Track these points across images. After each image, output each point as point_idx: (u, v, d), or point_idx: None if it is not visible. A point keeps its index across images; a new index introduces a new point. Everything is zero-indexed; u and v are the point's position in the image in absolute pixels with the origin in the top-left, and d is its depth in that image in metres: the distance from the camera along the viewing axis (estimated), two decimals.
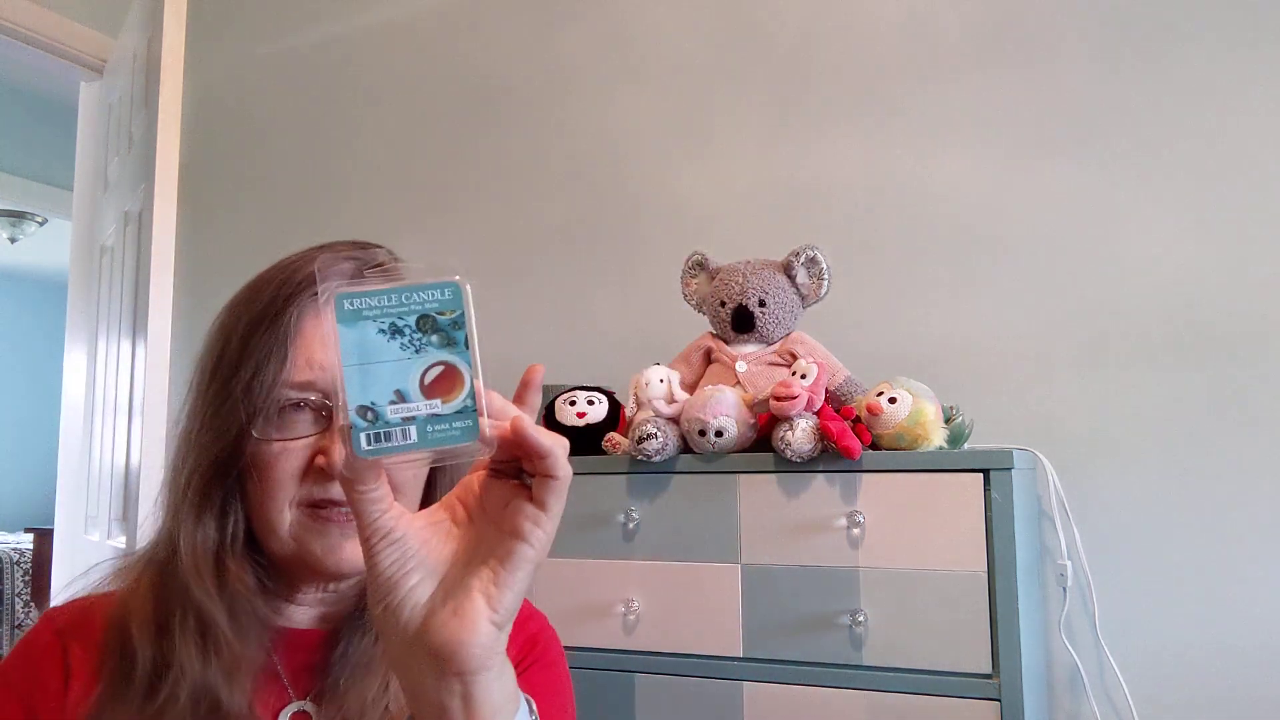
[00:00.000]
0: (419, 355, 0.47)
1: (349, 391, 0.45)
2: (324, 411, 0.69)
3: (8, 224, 4.98)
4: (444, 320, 0.47)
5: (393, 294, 0.47)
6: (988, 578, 1.20)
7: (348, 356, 0.46)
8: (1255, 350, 1.51)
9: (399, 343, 0.47)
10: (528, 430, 0.47)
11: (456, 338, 0.47)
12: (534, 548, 0.48)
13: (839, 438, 1.24)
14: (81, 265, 2.91)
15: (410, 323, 0.47)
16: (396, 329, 0.47)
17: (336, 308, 0.46)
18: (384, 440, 0.46)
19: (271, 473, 0.68)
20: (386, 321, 0.47)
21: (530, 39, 2.15)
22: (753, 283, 1.46)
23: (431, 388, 0.46)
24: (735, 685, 1.31)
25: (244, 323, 0.70)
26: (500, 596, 0.48)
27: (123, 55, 2.74)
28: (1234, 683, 1.46)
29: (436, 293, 0.47)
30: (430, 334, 0.47)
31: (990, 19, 1.73)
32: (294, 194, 2.43)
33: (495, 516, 0.50)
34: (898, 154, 1.77)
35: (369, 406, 0.46)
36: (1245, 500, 1.49)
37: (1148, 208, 1.59)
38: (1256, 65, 1.55)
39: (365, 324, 0.46)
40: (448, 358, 0.47)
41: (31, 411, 6.38)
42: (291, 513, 0.68)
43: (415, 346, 0.47)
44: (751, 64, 1.92)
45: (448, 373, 0.47)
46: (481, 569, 0.48)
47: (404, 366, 0.46)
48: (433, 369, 0.47)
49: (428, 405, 0.46)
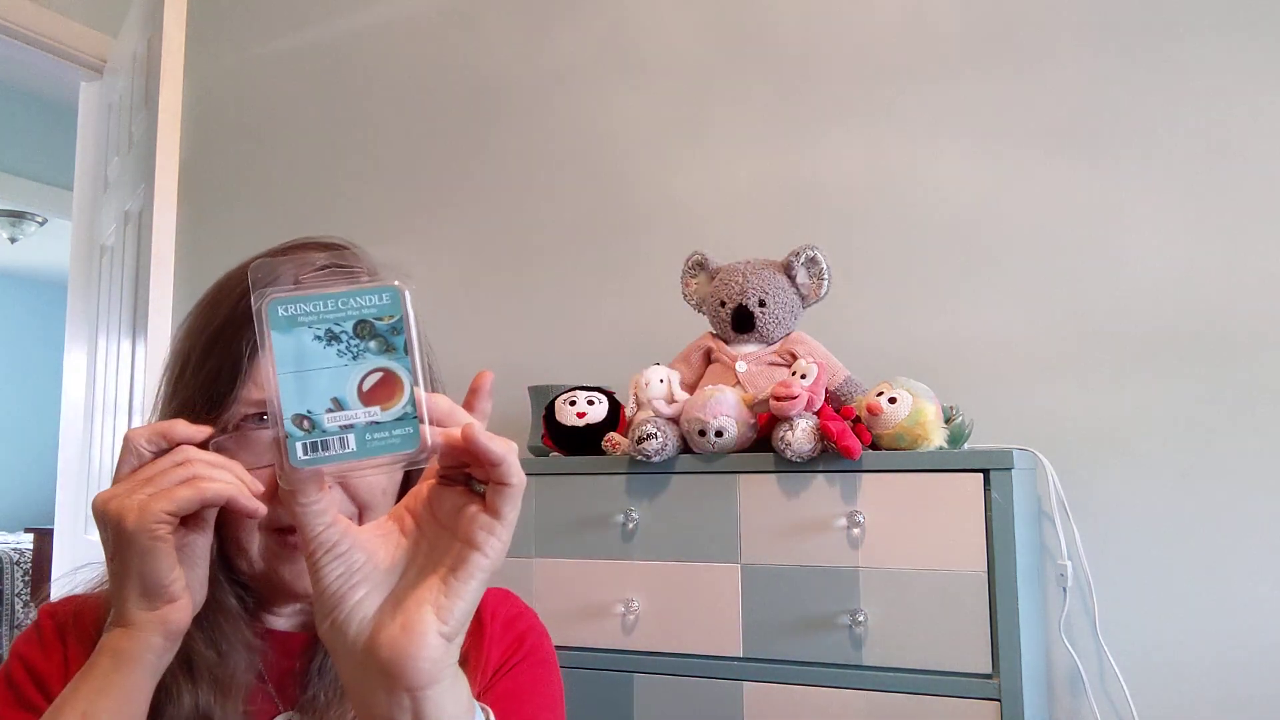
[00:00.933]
0: (356, 362, 0.45)
1: (284, 400, 0.44)
2: None
3: (8, 224, 4.97)
4: (382, 326, 0.46)
5: (329, 299, 0.46)
6: (988, 578, 1.20)
7: (283, 364, 0.45)
8: (1255, 350, 1.50)
9: (335, 349, 0.45)
10: (478, 437, 0.45)
11: (395, 343, 0.46)
12: (488, 557, 0.47)
13: (839, 438, 1.24)
14: (81, 265, 2.91)
15: (347, 329, 0.46)
16: (333, 335, 0.45)
17: (270, 314, 0.45)
18: (321, 450, 0.44)
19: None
20: (323, 328, 0.45)
21: (530, 38, 2.15)
22: (753, 283, 1.45)
23: (370, 394, 0.45)
24: (735, 685, 1.31)
25: (204, 337, 0.69)
26: (450, 606, 0.46)
27: (123, 55, 2.74)
28: (1234, 683, 1.46)
29: (374, 298, 0.46)
30: (368, 340, 0.46)
31: (990, 19, 1.73)
32: (294, 194, 2.43)
33: (447, 524, 0.48)
34: (898, 154, 1.77)
35: (305, 415, 0.44)
36: (1245, 500, 1.49)
37: (1147, 208, 1.59)
38: (1256, 65, 1.55)
39: (300, 330, 0.45)
40: (386, 364, 0.46)
41: (31, 411, 6.37)
42: (260, 536, 0.67)
43: (353, 353, 0.45)
44: (751, 64, 1.92)
45: (386, 379, 0.46)
46: (431, 578, 0.47)
47: (341, 373, 0.45)
48: (371, 375, 0.45)
49: (366, 413, 0.45)
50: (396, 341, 0.46)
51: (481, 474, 0.48)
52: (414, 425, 0.45)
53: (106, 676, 0.58)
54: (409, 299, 0.46)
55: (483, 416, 0.49)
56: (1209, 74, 1.57)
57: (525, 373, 1.92)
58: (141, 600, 0.59)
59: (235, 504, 0.60)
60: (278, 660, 0.71)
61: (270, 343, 0.45)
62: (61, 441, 2.85)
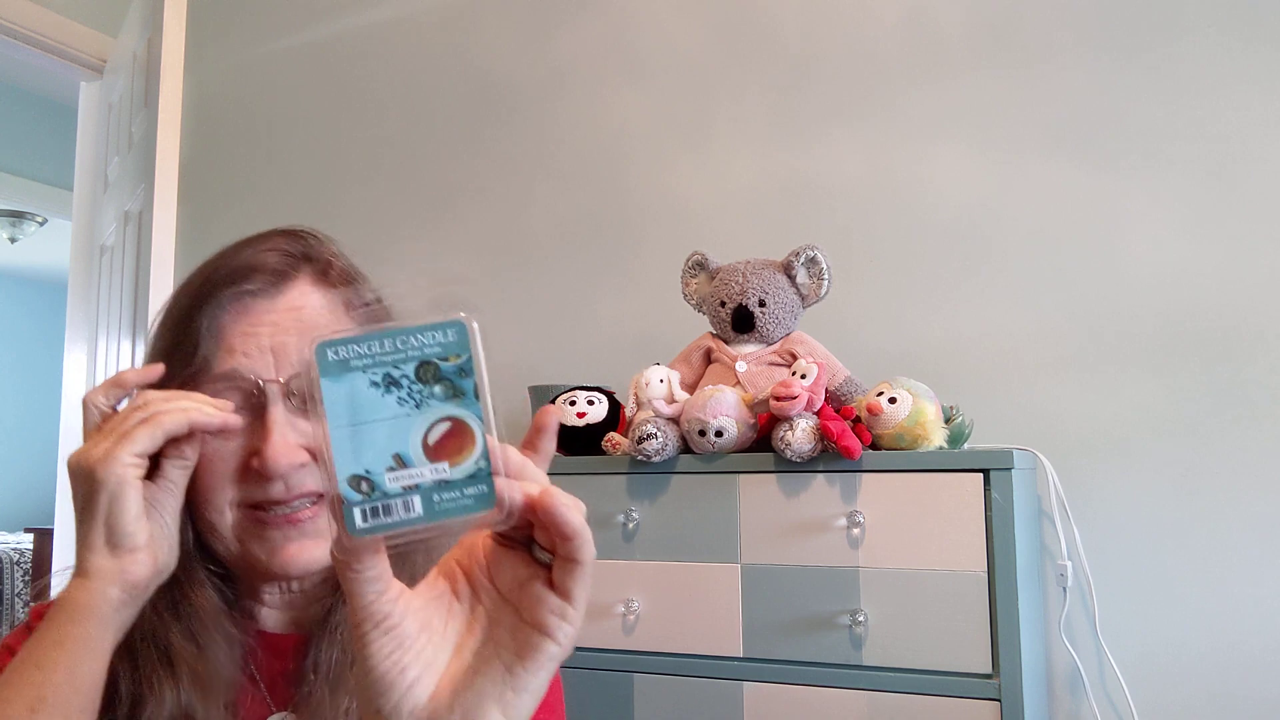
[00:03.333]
0: (420, 411, 0.40)
1: (338, 459, 0.39)
2: (255, 391, 0.65)
3: (8, 224, 4.98)
4: (448, 367, 0.40)
5: (385, 338, 0.40)
6: (988, 578, 1.20)
7: (335, 417, 0.39)
8: (1254, 350, 1.51)
9: (395, 397, 0.40)
10: (558, 506, 0.40)
11: (464, 387, 0.40)
12: (560, 645, 0.41)
13: (839, 438, 1.24)
14: (81, 265, 2.91)
15: (408, 372, 0.40)
16: (392, 380, 0.40)
17: (319, 359, 0.39)
18: (383, 515, 0.39)
19: (206, 476, 0.65)
20: (380, 372, 0.40)
21: (530, 39, 2.15)
22: (753, 283, 1.45)
23: (437, 448, 0.39)
24: (735, 685, 1.31)
25: (168, 325, 0.70)
26: (518, 704, 0.41)
27: (123, 55, 2.74)
28: (1234, 683, 1.46)
29: (438, 334, 0.40)
30: (432, 384, 0.40)
31: (990, 19, 1.73)
32: (294, 194, 2.43)
33: (509, 595, 0.43)
34: (898, 154, 1.77)
35: (363, 476, 0.39)
36: (1245, 500, 1.49)
37: (1147, 208, 1.59)
38: (1256, 65, 1.55)
39: (354, 376, 0.39)
40: (454, 412, 0.40)
41: (31, 411, 6.37)
42: (232, 513, 0.66)
43: (415, 400, 0.40)
44: (751, 64, 1.92)
45: (455, 430, 0.40)
46: (493, 665, 0.41)
47: (403, 425, 0.39)
48: (437, 426, 0.40)
49: (434, 470, 0.39)
50: (465, 385, 0.40)
51: (546, 540, 0.42)
52: (488, 483, 0.39)
53: (61, 629, 0.58)
54: (478, 334, 0.40)
55: (545, 460, 0.44)
56: (1209, 74, 1.57)
57: (525, 373, 1.92)
58: (104, 549, 0.59)
59: (198, 425, 0.61)
60: (269, 661, 0.70)
61: (320, 393, 0.39)
62: (61, 441, 2.85)
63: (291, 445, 0.65)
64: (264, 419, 0.65)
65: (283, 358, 0.66)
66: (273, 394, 0.65)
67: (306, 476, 0.66)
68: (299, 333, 0.68)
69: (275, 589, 0.71)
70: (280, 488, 0.65)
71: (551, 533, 0.41)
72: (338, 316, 0.71)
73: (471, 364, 0.40)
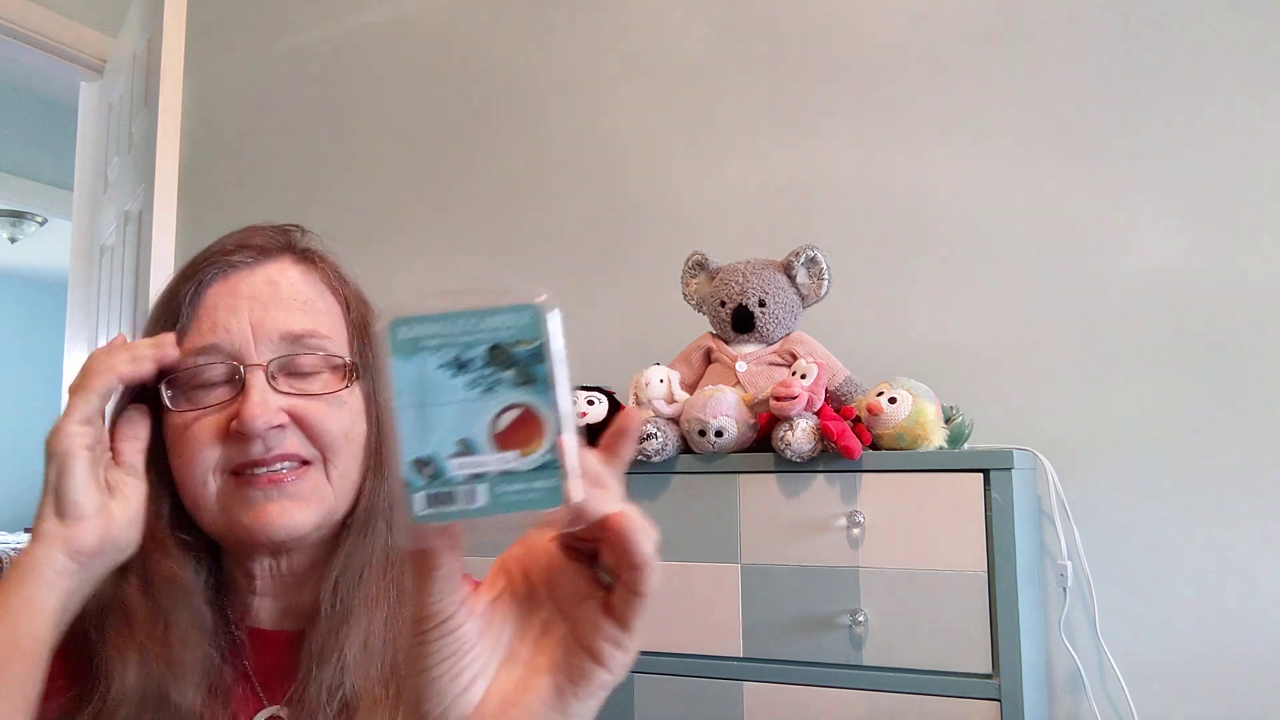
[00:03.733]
0: (489, 395, 0.38)
1: (404, 440, 0.37)
2: (236, 376, 0.66)
3: (8, 224, 4.97)
4: (521, 352, 0.38)
5: (458, 319, 0.38)
6: (988, 578, 1.20)
7: (402, 395, 0.38)
8: (1254, 350, 1.50)
9: (464, 379, 0.38)
10: (633, 531, 0.38)
11: (536, 374, 0.38)
12: (613, 674, 0.40)
13: (839, 438, 1.24)
14: (81, 265, 2.91)
15: (479, 355, 0.38)
16: (462, 362, 0.38)
17: (390, 336, 0.38)
18: (445, 503, 0.37)
19: (189, 446, 0.66)
20: (450, 353, 0.38)
21: (531, 40, 2.15)
22: (753, 283, 1.45)
23: (505, 436, 0.38)
24: (735, 685, 1.31)
25: (157, 304, 0.71)
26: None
27: (123, 55, 2.74)
28: (1234, 682, 1.46)
29: (512, 317, 0.38)
30: (504, 369, 0.38)
31: (990, 19, 1.73)
32: (293, 194, 2.43)
33: (565, 609, 0.42)
34: (897, 154, 1.77)
35: (427, 460, 0.37)
36: (1245, 500, 1.49)
37: (1147, 208, 1.59)
38: (1256, 65, 1.54)
39: (424, 356, 0.38)
40: (525, 399, 0.38)
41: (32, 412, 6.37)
42: (215, 481, 0.66)
43: (485, 384, 0.38)
44: (751, 64, 1.92)
45: (525, 418, 0.38)
46: (544, 683, 0.40)
47: (471, 409, 0.38)
48: (507, 413, 0.38)
49: (500, 459, 0.37)
50: (537, 371, 0.38)
51: (611, 560, 0.40)
52: (557, 477, 0.38)
53: (6, 587, 0.59)
54: (555, 321, 0.39)
55: (622, 466, 0.42)
56: (1209, 74, 1.57)
57: None
58: (53, 516, 0.61)
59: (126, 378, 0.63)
60: (261, 656, 0.69)
61: (389, 370, 0.38)
62: None
63: (270, 406, 0.65)
64: (244, 388, 0.66)
65: (263, 335, 0.67)
66: (254, 374, 0.66)
67: (286, 438, 0.66)
68: (276, 306, 0.69)
69: (265, 570, 0.70)
70: (259, 447, 0.65)
71: (619, 557, 0.39)
72: (318, 292, 0.72)
73: (545, 350, 0.39)
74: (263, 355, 0.67)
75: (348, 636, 0.66)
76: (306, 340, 0.69)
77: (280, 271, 0.71)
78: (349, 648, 0.65)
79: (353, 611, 0.67)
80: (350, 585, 0.68)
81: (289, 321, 0.68)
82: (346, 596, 0.67)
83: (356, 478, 0.70)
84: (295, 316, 0.69)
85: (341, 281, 0.75)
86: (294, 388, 0.68)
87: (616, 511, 0.38)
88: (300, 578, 0.71)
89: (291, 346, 0.68)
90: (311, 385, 0.68)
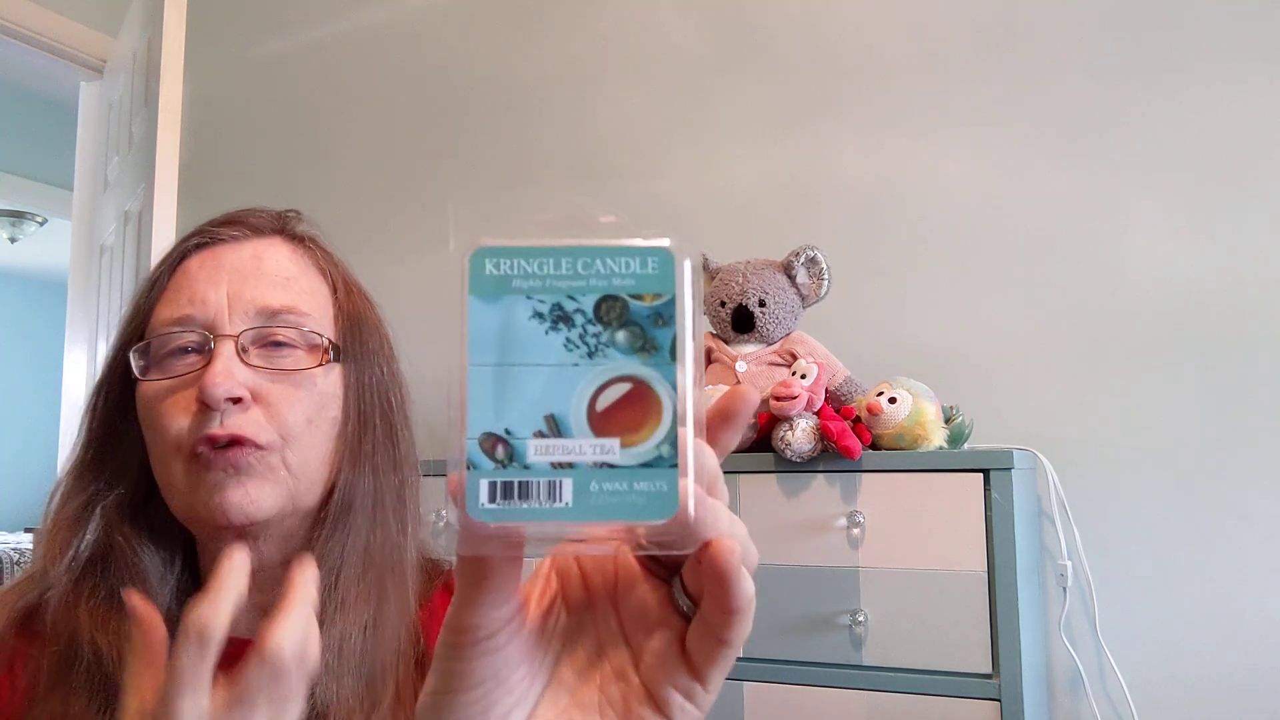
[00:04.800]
0: (593, 362, 0.29)
1: (473, 407, 0.29)
2: (207, 347, 0.64)
3: (8, 224, 4.98)
4: (640, 309, 0.30)
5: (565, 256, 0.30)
6: (988, 578, 1.20)
7: (479, 349, 0.29)
8: (1254, 350, 1.50)
9: (563, 337, 0.29)
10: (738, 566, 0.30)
11: (658, 339, 0.29)
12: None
13: (839, 438, 1.24)
14: (81, 265, 2.91)
15: (586, 307, 0.30)
16: (563, 315, 0.30)
17: (473, 269, 0.30)
18: (518, 498, 0.28)
19: (156, 417, 0.63)
20: (549, 300, 0.30)
21: (530, 39, 2.15)
22: (753, 283, 1.46)
23: (607, 418, 0.29)
24: (735, 685, 1.31)
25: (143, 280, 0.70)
26: None
27: (123, 55, 2.74)
28: (1233, 683, 1.46)
29: (633, 261, 0.30)
30: (616, 328, 0.29)
31: (991, 19, 1.73)
32: (293, 194, 2.43)
33: (630, 632, 0.34)
34: (898, 154, 1.77)
35: (501, 436, 0.29)
36: (1245, 500, 1.49)
37: (1148, 208, 1.59)
38: (1256, 65, 1.54)
39: (514, 301, 0.30)
40: (639, 371, 0.29)
41: (32, 412, 6.37)
42: (180, 463, 0.63)
43: (589, 346, 0.29)
44: (751, 63, 1.92)
45: (636, 395, 0.29)
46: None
47: (567, 377, 0.29)
48: (613, 387, 0.29)
49: (597, 446, 0.29)
50: (660, 336, 0.29)
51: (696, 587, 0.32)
52: (669, 480, 0.28)
53: None
54: (688, 272, 0.30)
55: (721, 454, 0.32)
56: (1210, 74, 1.57)
57: None
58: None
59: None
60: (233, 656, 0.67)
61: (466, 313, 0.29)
62: (62, 442, 2.85)
63: (233, 376, 0.62)
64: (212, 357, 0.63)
65: (238, 307, 0.65)
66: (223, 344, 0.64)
67: (246, 420, 0.63)
68: (257, 280, 0.66)
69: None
70: (215, 422, 0.62)
71: (712, 593, 0.31)
72: (303, 270, 0.70)
73: (674, 309, 0.30)
74: (235, 326, 0.64)
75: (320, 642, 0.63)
76: (284, 315, 0.66)
77: (268, 248, 0.70)
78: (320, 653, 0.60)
79: (325, 614, 0.62)
80: (324, 586, 0.63)
81: (267, 296, 0.66)
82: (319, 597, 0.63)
83: (322, 467, 0.67)
84: (275, 292, 0.66)
85: (331, 264, 0.72)
86: (265, 361, 0.65)
87: (724, 536, 0.30)
88: (271, 575, 0.66)
89: (267, 321, 0.65)
90: (284, 361, 0.66)
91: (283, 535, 0.66)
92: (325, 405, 0.67)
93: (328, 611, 0.63)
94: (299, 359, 0.66)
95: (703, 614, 0.32)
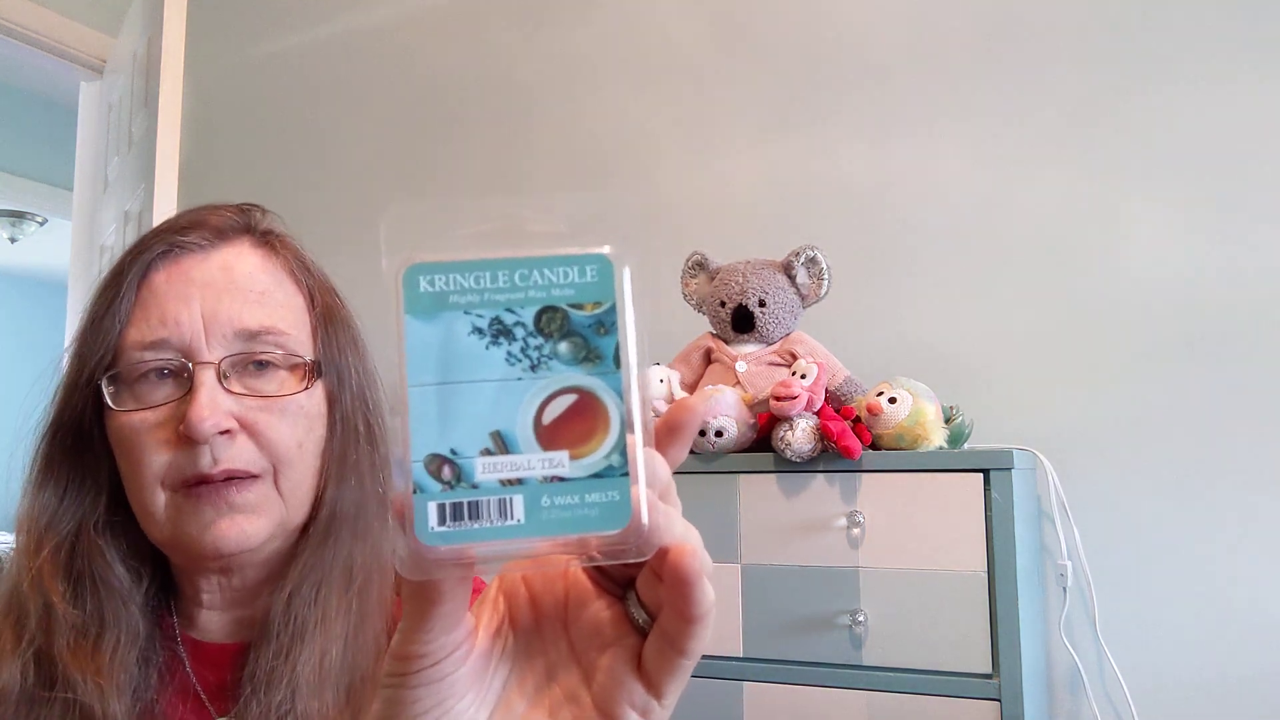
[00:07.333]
0: (536, 375, 0.29)
1: (416, 429, 0.28)
2: (185, 374, 0.61)
3: (8, 224, 4.97)
4: (581, 319, 0.30)
5: (500, 268, 0.29)
6: (988, 578, 1.20)
7: (418, 369, 0.28)
8: (1254, 350, 1.50)
9: (504, 351, 0.29)
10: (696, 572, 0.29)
11: (601, 349, 0.30)
12: None
13: (839, 438, 1.24)
14: (81, 265, 2.91)
15: (526, 319, 0.29)
16: (503, 329, 0.29)
17: (407, 287, 0.29)
18: (468, 518, 0.28)
19: (135, 450, 0.61)
20: (487, 315, 0.29)
21: (531, 39, 2.15)
22: (753, 283, 1.45)
23: (554, 431, 0.29)
24: (735, 685, 1.31)
25: (100, 286, 0.65)
26: None
27: (123, 55, 2.74)
28: (1234, 683, 1.46)
29: (571, 270, 0.30)
30: (558, 339, 0.29)
31: (991, 20, 1.73)
32: (293, 193, 2.43)
33: (579, 650, 0.33)
34: (898, 154, 1.77)
35: (447, 457, 0.28)
36: (1245, 500, 1.49)
37: (1147, 208, 1.59)
38: (1256, 65, 1.54)
39: (452, 317, 0.29)
40: (584, 381, 0.29)
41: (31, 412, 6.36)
42: (164, 494, 0.61)
43: (531, 359, 0.29)
44: (752, 64, 1.92)
45: (583, 406, 0.29)
46: None
47: (511, 391, 0.29)
48: (558, 399, 0.29)
49: (545, 460, 0.28)
50: (603, 345, 0.30)
51: (653, 600, 0.31)
52: (621, 489, 0.28)
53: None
54: (628, 279, 0.31)
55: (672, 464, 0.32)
56: (1209, 74, 1.57)
57: None
58: None
59: None
60: (207, 670, 0.66)
61: (403, 332, 0.29)
62: None
63: (219, 408, 0.60)
64: (192, 387, 0.61)
65: (215, 330, 0.62)
66: (203, 372, 0.61)
67: (235, 449, 0.61)
68: (231, 296, 0.63)
69: (214, 586, 0.66)
70: (207, 459, 0.60)
71: (670, 602, 0.30)
72: (277, 281, 0.67)
73: (615, 317, 0.30)
74: (214, 352, 0.62)
75: (299, 656, 0.61)
76: (263, 337, 0.63)
77: (237, 256, 0.66)
78: (301, 668, 0.60)
79: (307, 629, 0.62)
80: (306, 600, 0.63)
81: (244, 316, 0.63)
82: (301, 613, 0.62)
83: (312, 486, 0.66)
84: (251, 310, 0.64)
85: (304, 270, 0.70)
86: (248, 388, 0.63)
87: (680, 542, 0.29)
88: (252, 591, 0.66)
89: (247, 344, 0.63)
90: (267, 385, 0.64)
91: (266, 556, 0.66)
92: (312, 426, 0.66)
93: (309, 626, 0.62)
94: (283, 381, 0.64)
95: (661, 625, 0.31)
